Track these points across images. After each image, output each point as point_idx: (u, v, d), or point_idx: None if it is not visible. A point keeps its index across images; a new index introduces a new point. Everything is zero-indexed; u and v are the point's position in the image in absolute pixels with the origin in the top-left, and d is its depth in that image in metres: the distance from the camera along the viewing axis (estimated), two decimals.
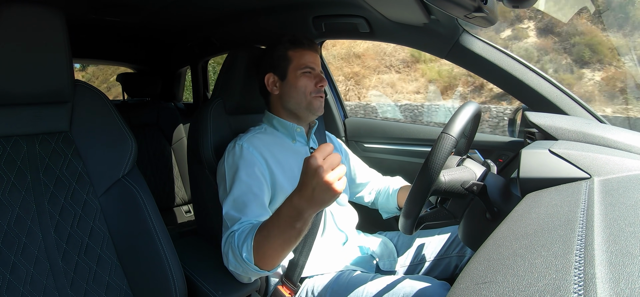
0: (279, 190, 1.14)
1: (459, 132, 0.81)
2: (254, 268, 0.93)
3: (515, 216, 0.62)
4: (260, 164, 1.13)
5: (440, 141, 0.80)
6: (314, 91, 1.20)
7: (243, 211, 1.05)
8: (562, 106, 1.18)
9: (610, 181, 0.67)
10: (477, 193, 0.85)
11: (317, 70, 1.23)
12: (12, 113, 0.96)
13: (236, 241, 0.95)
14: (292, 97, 1.22)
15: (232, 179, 1.10)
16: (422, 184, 0.81)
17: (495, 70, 1.25)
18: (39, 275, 0.93)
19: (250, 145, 1.15)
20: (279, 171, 1.15)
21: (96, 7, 1.63)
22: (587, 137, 0.92)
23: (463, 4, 0.89)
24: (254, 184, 1.09)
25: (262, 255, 0.91)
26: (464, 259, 1.18)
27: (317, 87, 1.21)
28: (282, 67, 1.22)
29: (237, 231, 0.98)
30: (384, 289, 0.98)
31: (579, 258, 0.41)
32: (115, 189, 1.05)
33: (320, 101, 1.22)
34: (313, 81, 1.21)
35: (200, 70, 2.71)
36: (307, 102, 1.21)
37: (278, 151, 1.18)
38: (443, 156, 0.80)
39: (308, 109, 1.22)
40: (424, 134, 1.66)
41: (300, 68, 1.20)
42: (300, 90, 1.20)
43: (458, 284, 0.47)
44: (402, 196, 1.32)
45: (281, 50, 1.22)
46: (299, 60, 1.21)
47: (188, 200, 2.58)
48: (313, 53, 1.23)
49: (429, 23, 1.26)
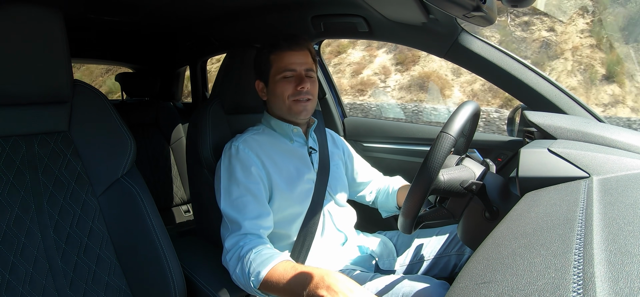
0: (276, 191, 1.14)
1: (458, 131, 0.81)
2: (256, 291, 0.98)
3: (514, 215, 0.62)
4: (256, 164, 1.12)
5: (439, 140, 0.80)
6: (292, 95, 1.16)
7: (243, 212, 1.05)
8: (561, 105, 1.18)
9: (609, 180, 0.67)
10: (476, 192, 0.85)
11: (299, 70, 1.16)
12: (10, 113, 0.96)
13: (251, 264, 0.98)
14: (275, 104, 1.20)
15: (229, 180, 1.10)
16: (421, 184, 0.81)
17: (494, 69, 1.25)
18: (38, 275, 0.93)
19: (246, 146, 1.14)
20: (276, 172, 1.15)
21: (94, 7, 1.63)
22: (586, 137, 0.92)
23: (462, 3, 0.89)
24: (252, 185, 1.09)
25: (268, 289, 0.95)
26: (463, 258, 1.18)
27: (296, 89, 1.15)
28: (265, 73, 1.20)
29: (254, 250, 1.00)
30: (384, 289, 0.98)
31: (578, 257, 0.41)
32: (114, 189, 1.05)
33: (301, 105, 1.17)
34: (293, 84, 1.15)
35: (198, 69, 2.71)
36: (287, 107, 1.17)
37: (274, 152, 1.18)
38: (442, 155, 0.80)
39: (289, 114, 1.19)
40: (423, 133, 1.66)
41: (279, 72, 1.16)
42: (279, 96, 1.17)
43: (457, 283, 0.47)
44: (401, 195, 1.32)
45: (264, 55, 1.20)
46: (278, 64, 1.17)
47: (187, 200, 2.57)
48: (295, 53, 1.17)
49: (428, 22, 1.26)
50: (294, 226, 1.16)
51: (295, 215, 1.16)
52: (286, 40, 1.17)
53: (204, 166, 1.24)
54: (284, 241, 1.17)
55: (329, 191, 1.24)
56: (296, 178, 1.17)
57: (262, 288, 0.95)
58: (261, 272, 0.95)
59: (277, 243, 1.16)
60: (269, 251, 1.00)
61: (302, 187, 1.17)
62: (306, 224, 1.16)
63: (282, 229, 1.15)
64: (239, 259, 1.00)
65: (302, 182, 1.18)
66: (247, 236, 1.03)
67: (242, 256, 0.99)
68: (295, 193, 1.15)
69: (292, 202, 1.15)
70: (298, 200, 1.16)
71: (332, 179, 1.26)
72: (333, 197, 1.26)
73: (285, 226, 1.15)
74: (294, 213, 1.16)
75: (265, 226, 1.08)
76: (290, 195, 1.15)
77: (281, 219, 1.15)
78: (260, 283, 0.94)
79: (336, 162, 1.33)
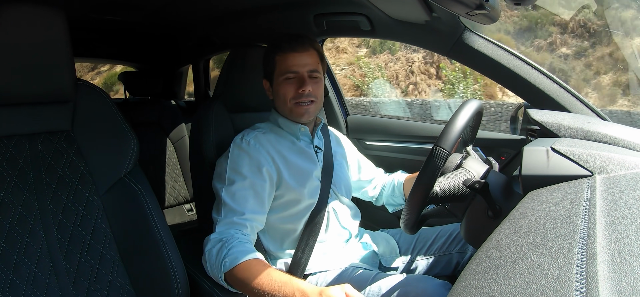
0: (285, 187, 1.15)
1: (452, 144, 0.81)
2: (221, 280, 0.97)
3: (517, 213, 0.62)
4: (266, 161, 1.13)
5: (431, 156, 0.81)
6: (293, 98, 1.16)
7: (241, 204, 1.06)
8: (564, 103, 1.18)
9: (612, 179, 0.66)
10: (479, 191, 0.85)
11: (302, 72, 1.15)
12: (14, 113, 0.96)
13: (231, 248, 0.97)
14: (278, 105, 1.21)
15: (234, 170, 1.11)
16: (417, 196, 0.83)
17: (497, 67, 1.25)
18: (41, 274, 0.93)
19: (258, 142, 1.15)
20: (285, 168, 1.16)
21: (97, 6, 1.64)
22: (589, 135, 0.91)
23: (465, 2, 0.88)
24: (257, 181, 1.10)
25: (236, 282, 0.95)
26: (466, 256, 1.18)
27: (297, 92, 1.15)
28: (270, 73, 1.21)
29: (238, 240, 1.00)
30: (386, 288, 0.98)
31: (581, 256, 0.41)
32: (117, 188, 1.05)
33: (302, 108, 1.16)
34: (294, 87, 1.15)
35: (201, 68, 2.71)
36: (288, 109, 1.18)
37: (283, 149, 1.19)
38: (435, 171, 0.81)
39: (291, 116, 1.20)
40: (426, 131, 1.66)
41: (282, 74, 1.16)
42: (281, 98, 1.17)
43: (460, 282, 0.46)
44: (408, 186, 1.32)
45: (269, 55, 1.20)
46: (281, 66, 1.16)
47: (190, 198, 2.58)
48: (298, 54, 1.15)
49: (431, 21, 1.26)
50: (301, 222, 1.17)
51: (302, 212, 1.17)
52: (289, 42, 1.16)
53: (207, 164, 1.25)
54: (290, 236, 1.18)
55: (333, 189, 1.25)
56: (305, 175, 1.18)
57: (229, 275, 0.95)
58: (234, 261, 0.94)
59: (283, 239, 1.18)
60: (252, 247, 1.01)
61: (311, 184, 1.18)
62: (311, 220, 1.17)
63: (289, 225, 1.17)
64: (219, 242, 1.00)
65: (310, 179, 1.19)
66: (237, 226, 1.04)
67: (226, 240, 0.99)
68: (304, 190, 1.16)
69: (300, 198, 1.16)
70: (306, 197, 1.17)
71: (336, 177, 1.27)
72: (337, 195, 1.27)
73: (292, 221, 1.17)
74: (300, 209, 1.17)
75: (258, 224, 1.09)
76: (299, 192, 1.16)
77: (288, 215, 1.16)
78: (229, 270, 0.94)
79: (340, 160, 1.34)
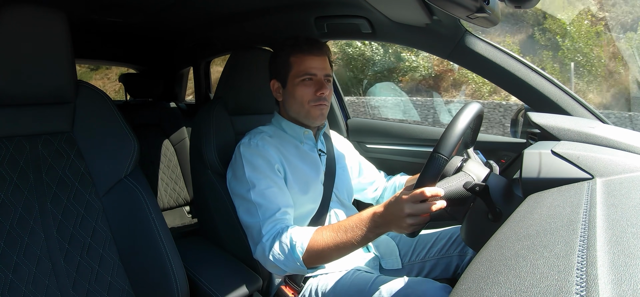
0: (290, 190, 1.15)
1: (450, 150, 0.82)
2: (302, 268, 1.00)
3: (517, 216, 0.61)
4: (276, 160, 1.14)
5: (430, 162, 0.83)
6: (312, 100, 1.17)
7: (273, 201, 1.07)
8: (564, 106, 1.18)
9: (612, 182, 0.66)
10: (479, 194, 0.85)
11: (319, 75, 1.18)
12: (14, 114, 0.96)
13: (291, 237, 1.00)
14: (291, 106, 1.21)
15: (254, 171, 1.11)
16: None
17: (497, 70, 1.25)
18: (41, 275, 0.93)
19: (265, 143, 1.15)
20: (291, 171, 1.16)
21: (98, 8, 1.64)
22: (589, 138, 0.91)
23: (465, 5, 0.88)
24: (276, 178, 1.12)
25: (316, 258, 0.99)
26: (465, 258, 1.18)
27: (316, 95, 1.16)
28: (283, 74, 1.20)
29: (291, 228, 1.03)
30: (387, 291, 0.98)
31: (581, 259, 0.41)
32: (117, 190, 1.05)
33: (319, 110, 1.18)
34: (312, 89, 1.16)
35: (202, 70, 2.71)
36: (305, 111, 1.19)
37: (288, 153, 1.19)
38: (433, 177, 0.83)
39: (307, 119, 1.20)
40: (426, 134, 1.66)
41: (299, 76, 1.16)
42: (297, 99, 1.18)
43: (460, 285, 0.46)
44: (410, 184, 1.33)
45: (283, 55, 1.20)
46: (298, 67, 1.17)
47: (190, 200, 2.58)
48: (315, 57, 1.18)
49: (431, 24, 1.26)
50: (303, 225, 1.17)
51: (305, 215, 1.18)
52: (308, 44, 1.17)
53: (207, 166, 1.25)
54: None
55: (335, 192, 1.25)
56: (309, 179, 1.19)
57: (307, 256, 0.97)
58: (305, 241, 0.97)
59: None
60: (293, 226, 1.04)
61: (315, 187, 1.19)
62: (314, 224, 1.17)
63: None
64: (275, 239, 1.02)
65: (314, 182, 1.19)
66: (281, 220, 1.06)
67: (281, 233, 1.02)
68: (308, 193, 1.17)
69: (304, 201, 1.17)
70: (309, 200, 1.18)
71: (338, 180, 1.27)
72: (339, 198, 1.27)
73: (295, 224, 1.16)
74: (304, 212, 1.17)
75: (291, 217, 1.10)
76: (303, 195, 1.16)
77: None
78: (305, 251, 0.97)
79: (342, 164, 1.34)
